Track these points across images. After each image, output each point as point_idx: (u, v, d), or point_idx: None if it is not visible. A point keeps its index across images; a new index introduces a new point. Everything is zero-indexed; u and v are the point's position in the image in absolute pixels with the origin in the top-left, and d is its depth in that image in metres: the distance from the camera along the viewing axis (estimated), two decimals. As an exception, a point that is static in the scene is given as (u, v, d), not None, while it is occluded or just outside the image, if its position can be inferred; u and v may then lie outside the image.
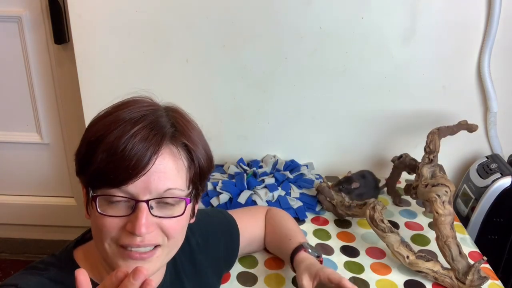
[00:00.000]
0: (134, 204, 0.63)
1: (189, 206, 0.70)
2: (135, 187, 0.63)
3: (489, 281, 1.04)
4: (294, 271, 0.94)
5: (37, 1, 1.53)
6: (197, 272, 0.86)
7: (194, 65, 1.40)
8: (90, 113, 1.49)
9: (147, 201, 0.63)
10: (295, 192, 1.34)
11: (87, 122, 1.49)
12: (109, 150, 0.62)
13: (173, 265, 0.81)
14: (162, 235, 0.66)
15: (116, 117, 0.65)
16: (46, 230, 1.95)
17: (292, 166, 1.47)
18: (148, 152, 0.63)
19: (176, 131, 0.67)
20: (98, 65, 1.42)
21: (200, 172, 0.70)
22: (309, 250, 0.95)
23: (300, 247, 0.95)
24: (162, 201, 0.65)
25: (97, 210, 0.64)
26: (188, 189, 0.68)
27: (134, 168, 0.62)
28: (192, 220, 0.76)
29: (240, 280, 1.03)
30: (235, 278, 1.03)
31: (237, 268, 1.05)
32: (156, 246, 0.67)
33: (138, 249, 0.65)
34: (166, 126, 0.66)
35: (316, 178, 1.44)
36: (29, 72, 1.64)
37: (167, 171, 0.65)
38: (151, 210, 0.64)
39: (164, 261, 0.71)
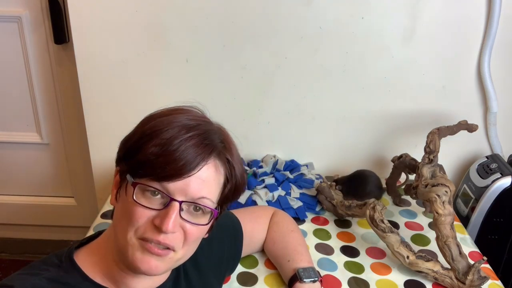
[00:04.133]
0: (168, 201, 0.67)
1: (213, 219, 0.72)
2: (174, 186, 0.66)
3: (489, 281, 1.04)
4: None
5: (37, 1, 1.53)
6: (199, 274, 0.86)
7: (194, 65, 1.40)
8: (90, 113, 1.49)
9: (180, 202, 0.67)
10: (295, 192, 1.34)
11: (87, 122, 1.50)
12: (163, 146, 0.66)
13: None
14: (181, 238, 0.69)
15: (173, 119, 0.69)
16: (46, 230, 1.95)
17: (292, 166, 1.47)
18: (197, 158, 0.67)
19: (224, 147, 0.72)
20: (98, 65, 1.42)
21: (235, 190, 0.75)
22: (304, 280, 0.94)
23: (295, 278, 0.95)
24: (193, 206, 0.69)
25: (132, 197, 0.67)
26: (217, 204, 0.73)
27: (181, 168, 0.66)
28: (206, 235, 0.77)
29: (240, 280, 1.03)
30: (235, 278, 1.03)
31: (237, 268, 1.05)
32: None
33: (158, 245, 0.67)
34: (216, 140, 0.71)
35: (316, 178, 1.44)
36: (29, 72, 1.64)
37: (207, 181, 0.69)
38: (181, 212, 0.67)
39: (172, 266, 0.73)
